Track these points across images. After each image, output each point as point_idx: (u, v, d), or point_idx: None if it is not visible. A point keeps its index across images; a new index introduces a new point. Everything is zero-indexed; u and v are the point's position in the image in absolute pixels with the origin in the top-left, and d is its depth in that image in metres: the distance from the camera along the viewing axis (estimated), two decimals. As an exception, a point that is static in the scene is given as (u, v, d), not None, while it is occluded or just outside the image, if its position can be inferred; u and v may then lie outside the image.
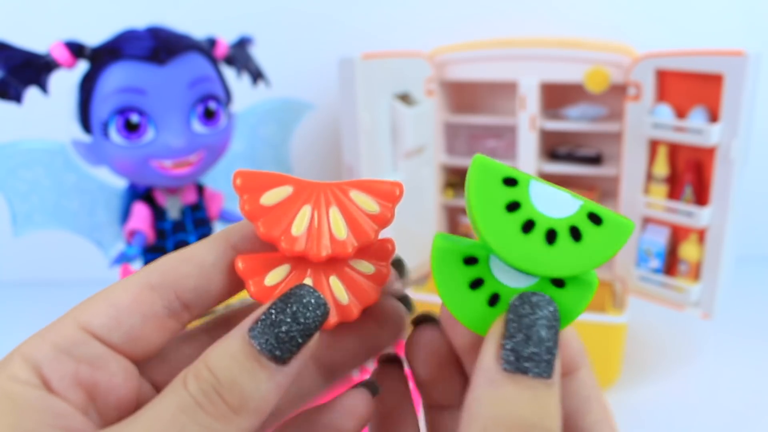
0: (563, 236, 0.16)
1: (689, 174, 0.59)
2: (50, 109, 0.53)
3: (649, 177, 0.62)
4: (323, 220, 0.17)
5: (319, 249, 0.17)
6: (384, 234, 0.18)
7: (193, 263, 0.17)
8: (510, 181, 0.16)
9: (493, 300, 0.17)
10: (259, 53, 0.65)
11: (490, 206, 0.16)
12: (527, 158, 0.67)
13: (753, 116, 0.54)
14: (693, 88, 0.57)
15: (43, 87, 0.49)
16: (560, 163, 0.69)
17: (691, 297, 0.60)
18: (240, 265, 0.17)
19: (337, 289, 0.18)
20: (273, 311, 0.15)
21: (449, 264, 0.16)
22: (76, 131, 0.53)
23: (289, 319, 0.15)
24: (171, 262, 0.17)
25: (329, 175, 0.87)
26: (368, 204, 0.18)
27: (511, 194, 0.16)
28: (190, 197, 0.57)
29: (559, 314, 0.15)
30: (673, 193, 0.61)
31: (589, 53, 0.62)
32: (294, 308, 0.15)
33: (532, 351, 0.15)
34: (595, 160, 0.68)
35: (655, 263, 0.62)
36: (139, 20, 0.53)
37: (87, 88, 0.50)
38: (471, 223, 0.16)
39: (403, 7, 0.79)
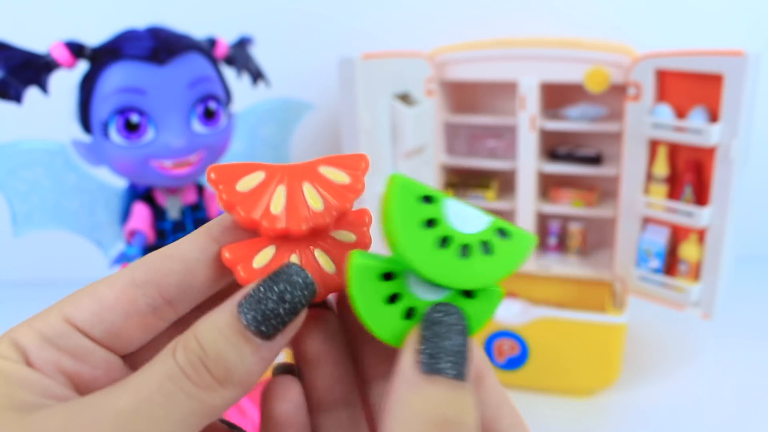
0: (475, 250, 0.17)
1: (689, 174, 0.59)
2: (50, 109, 0.53)
3: (649, 177, 0.62)
4: (299, 196, 0.18)
5: (299, 223, 0.17)
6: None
7: (176, 259, 0.17)
8: (427, 199, 0.17)
9: (409, 313, 0.17)
10: (259, 53, 0.65)
11: (409, 223, 0.16)
12: (527, 158, 0.67)
13: (753, 116, 0.54)
14: (693, 88, 0.57)
15: (43, 87, 0.49)
16: (560, 163, 0.69)
17: (691, 297, 0.60)
18: (227, 254, 0.17)
19: (323, 261, 0.18)
20: (261, 288, 0.16)
21: (367, 280, 0.17)
22: (76, 131, 0.53)
23: (275, 297, 0.16)
24: (155, 259, 0.17)
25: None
26: (338, 176, 0.19)
27: (428, 212, 0.17)
28: (190, 197, 0.57)
29: (467, 322, 0.16)
30: (673, 193, 0.61)
31: (589, 53, 0.62)
32: (281, 287, 0.16)
33: (447, 355, 0.16)
34: (595, 160, 0.68)
35: (655, 263, 0.62)
36: (139, 20, 0.53)
37: (87, 88, 0.50)
38: (387, 238, 0.17)
39: (403, 7, 0.79)
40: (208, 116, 0.53)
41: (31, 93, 0.49)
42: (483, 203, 0.73)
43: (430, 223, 0.17)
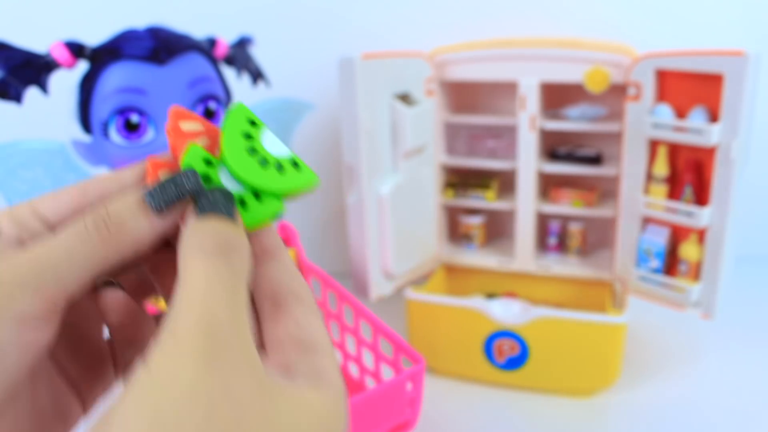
0: (271, 166, 0.22)
1: (689, 174, 0.59)
2: (50, 109, 0.53)
3: (649, 177, 0.62)
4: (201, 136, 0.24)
5: (183, 135, 0.24)
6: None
7: (115, 179, 0.23)
8: (253, 123, 0.23)
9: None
10: (259, 53, 0.65)
11: (235, 131, 0.23)
12: (527, 158, 0.67)
13: (753, 116, 0.54)
14: (693, 88, 0.57)
15: (43, 87, 0.49)
16: (560, 163, 0.69)
17: (691, 297, 0.60)
18: (149, 163, 0.23)
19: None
20: (164, 181, 0.21)
21: (193, 159, 0.22)
22: (76, 131, 0.53)
23: (172, 186, 0.21)
24: (103, 178, 0.23)
25: (329, 175, 0.87)
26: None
27: (250, 129, 0.23)
28: (190, 197, 0.57)
29: (232, 195, 0.21)
30: (673, 193, 0.61)
31: (589, 53, 0.62)
32: (177, 179, 0.21)
33: (216, 203, 0.21)
34: (595, 160, 0.68)
35: (655, 263, 0.62)
36: (139, 20, 0.53)
37: (87, 88, 0.50)
38: (220, 143, 0.23)
39: (403, 7, 0.79)
40: (209, 116, 0.53)
41: (31, 93, 0.49)
42: (483, 203, 0.73)
43: (248, 136, 0.23)
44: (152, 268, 0.24)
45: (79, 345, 0.23)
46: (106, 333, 0.24)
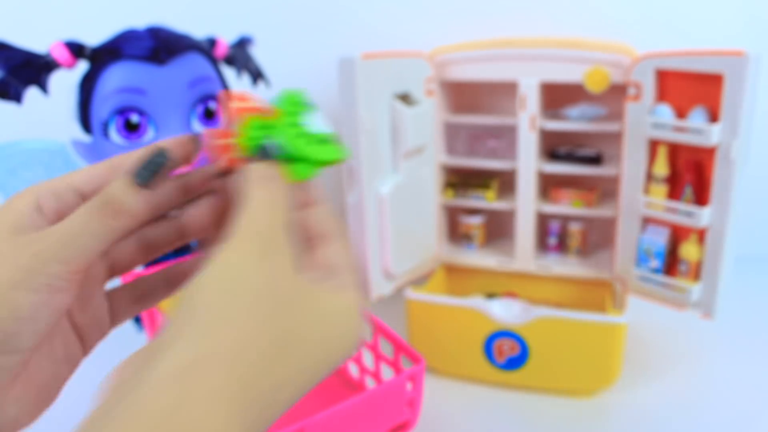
0: (313, 139, 0.28)
1: (689, 174, 0.59)
2: (50, 109, 0.53)
3: (649, 177, 0.62)
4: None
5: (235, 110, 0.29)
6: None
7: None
8: (305, 104, 0.29)
9: (263, 150, 0.28)
10: (259, 53, 0.65)
11: (290, 108, 0.28)
12: (527, 158, 0.67)
13: (753, 116, 0.54)
14: (693, 88, 0.57)
15: (43, 87, 0.49)
16: (560, 163, 0.69)
17: (691, 297, 0.60)
18: (205, 135, 0.28)
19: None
20: (144, 161, 0.26)
21: (254, 124, 0.27)
22: (76, 131, 0.53)
23: (146, 165, 0.26)
24: (128, 154, 0.27)
25: (329, 175, 0.86)
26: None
27: (302, 108, 0.29)
28: (190, 197, 0.57)
29: (278, 148, 0.27)
30: (673, 193, 0.61)
31: (589, 53, 0.62)
32: (150, 158, 0.26)
33: (271, 152, 0.27)
34: (595, 160, 0.68)
35: (655, 263, 0.62)
36: (139, 20, 0.54)
37: (87, 88, 0.50)
38: (277, 115, 0.28)
39: (403, 7, 0.79)
40: (208, 116, 0.53)
41: (31, 93, 0.49)
42: (483, 203, 0.73)
43: (299, 113, 0.28)
44: (216, 204, 0.30)
45: (86, 299, 0.28)
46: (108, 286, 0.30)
